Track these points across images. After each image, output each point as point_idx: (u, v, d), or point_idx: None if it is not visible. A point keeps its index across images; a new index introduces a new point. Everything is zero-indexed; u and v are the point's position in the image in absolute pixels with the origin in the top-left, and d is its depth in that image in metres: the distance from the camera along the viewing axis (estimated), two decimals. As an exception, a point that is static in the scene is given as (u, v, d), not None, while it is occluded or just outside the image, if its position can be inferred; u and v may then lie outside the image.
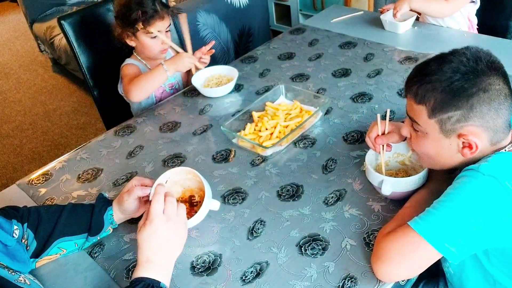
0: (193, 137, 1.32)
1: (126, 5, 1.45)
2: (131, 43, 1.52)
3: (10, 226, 0.85)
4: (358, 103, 1.35)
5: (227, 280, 0.88)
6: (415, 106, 0.82)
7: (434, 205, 0.77)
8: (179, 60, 1.46)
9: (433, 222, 0.75)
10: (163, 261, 0.80)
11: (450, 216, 0.74)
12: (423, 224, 0.76)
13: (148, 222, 0.81)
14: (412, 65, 1.49)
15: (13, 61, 3.95)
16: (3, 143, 2.88)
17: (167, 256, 0.81)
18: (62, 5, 3.50)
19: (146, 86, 1.45)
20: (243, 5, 2.48)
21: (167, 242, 0.81)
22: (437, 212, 0.76)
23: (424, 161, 0.90)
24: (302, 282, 0.85)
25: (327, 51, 1.66)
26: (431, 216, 0.76)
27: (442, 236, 0.74)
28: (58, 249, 0.94)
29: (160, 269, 0.79)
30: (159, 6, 1.46)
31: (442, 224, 0.74)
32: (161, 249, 0.80)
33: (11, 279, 0.76)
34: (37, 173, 1.26)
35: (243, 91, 1.51)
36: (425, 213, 0.77)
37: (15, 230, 0.86)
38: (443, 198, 0.77)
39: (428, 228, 0.75)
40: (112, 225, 0.99)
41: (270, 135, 1.22)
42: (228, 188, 1.10)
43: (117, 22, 1.49)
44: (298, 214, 1.00)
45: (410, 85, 0.84)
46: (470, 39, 1.64)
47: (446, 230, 0.74)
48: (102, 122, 1.92)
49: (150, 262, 0.78)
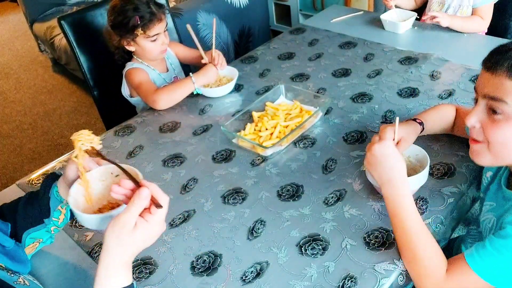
0: (193, 137, 1.32)
1: (121, 12, 1.42)
2: (130, 48, 1.51)
3: (7, 226, 0.85)
4: (358, 103, 1.35)
5: (227, 280, 0.88)
6: (508, 83, 0.72)
7: (493, 242, 0.75)
8: (208, 73, 1.47)
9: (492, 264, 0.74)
10: (132, 260, 0.70)
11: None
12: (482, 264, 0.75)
13: (146, 224, 0.68)
14: (412, 65, 1.49)
15: (13, 61, 3.95)
16: (3, 143, 2.88)
17: (136, 254, 0.70)
18: (62, 5, 3.50)
19: (174, 97, 1.46)
20: (243, 5, 2.48)
21: (144, 244, 0.70)
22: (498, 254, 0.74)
23: (497, 153, 0.79)
24: (302, 282, 0.85)
25: (327, 51, 1.66)
26: (491, 257, 0.74)
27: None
28: (32, 239, 0.88)
29: (130, 269, 0.69)
30: (155, 8, 1.45)
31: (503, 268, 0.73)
32: (137, 251, 0.69)
33: (10, 281, 0.76)
34: (37, 173, 1.26)
35: (243, 91, 1.51)
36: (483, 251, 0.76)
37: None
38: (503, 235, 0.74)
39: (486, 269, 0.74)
40: (62, 203, 0.88)
41: (270, 135, 1.22)
42: (228, 188, 1.10)
43: (115, 31, 1.47)
44: (298, 214, 1.00)
45: (498, 58, 0.74)
46: (470, 39, 1.64)
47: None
48: (102, 122, 1.92)
49: (126, 268, 0.68)
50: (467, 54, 1.52)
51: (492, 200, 0.88)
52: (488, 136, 0.78)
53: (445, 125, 1.10)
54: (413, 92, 1.35)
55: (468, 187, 1.01)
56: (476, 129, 0.81)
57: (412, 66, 1.48)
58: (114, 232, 0.66)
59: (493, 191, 0.89)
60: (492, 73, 0.75)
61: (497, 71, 0.74)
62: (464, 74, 1.40)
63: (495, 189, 0.89)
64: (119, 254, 0.67)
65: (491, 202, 0.88)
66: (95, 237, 1.02)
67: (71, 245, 1.02)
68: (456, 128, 1.10)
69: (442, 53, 1.52)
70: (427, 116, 1.07)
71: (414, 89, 1.36)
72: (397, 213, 0.85)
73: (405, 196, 0.85)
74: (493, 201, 0.88)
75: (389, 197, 0.86)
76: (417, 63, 1.49)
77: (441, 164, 1.07)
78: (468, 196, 1.01)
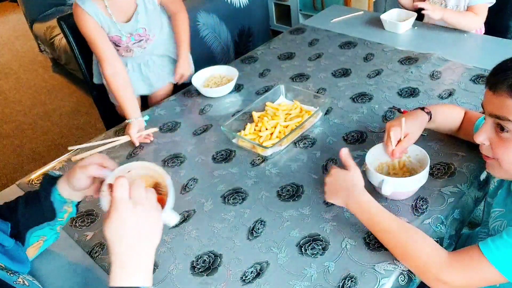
0: (193, 137, 1.32)
1: None
2: None
3: (6, 226, 0.85)
4: (358, 103, 1.35)
5: (227, 280, 0.88)
6: (509, 102, 0.72)
7: (510, 233, 0.73)
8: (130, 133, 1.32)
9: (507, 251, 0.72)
10: (140, 259, 0.67)
11: None
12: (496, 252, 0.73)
13: (112, 210, 0.67)
14: (412, 65, 1.49)
15: (13, 61, 3.95)
16: (3, 143, 2.88)
17: (143, 251, 0.68)
18: (62, 5, 3.50)
19: (116, 97, 1.41)
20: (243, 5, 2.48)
21: (140, 234, 0.67)
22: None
23: (508, 170, 0.79)
24: (302, 282, 0.85)
25: (327, 51, 1.66)
26: (508, 248, 0.73)
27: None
28: (37, 237, 0.89)
29: (138, 270, 0.67)
30: None
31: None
32: (134, 244, 0.67)
33: (10, 280, 0.75)
34: (37, 173, 1.26)
35: (243, 91, 1.51)
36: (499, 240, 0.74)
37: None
38: None
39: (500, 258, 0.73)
40: (66, 203, 0.88)
41: (270, 135, 1.22)
42: (228, 188, 1.10)
43: None
44: (298, 214, 1.00)
45: (499, 77, 0.73)
46: (470, 39, 1.64)
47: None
48: (102, 122, 1.92)
49: (124, 266, 0.66)
50: (467, 54, 1.52)
51: (500, 207, 0.88)
52: (496, 155, 0.79)
53: (451, 125, 1.09)
54: (413, 92, 1.35)
55: (468, 187, 1.01)
56: (485, 146, 0.81)
57: (412, 66, 1.48)
58: (104, 225, 0.67)
59: (502, 198, 0.89)
60: (494, 92, 0.75)
61: (497, 91, 0.74)
62: (464, 74, 1.40)
63: (503, 196, 0.88)
64: (114, 248, 0.66)
65: (500, 209, 0.88)
66: (95, 237, 1.02)
67: (71, 245, 1.02)
68: (462, 131, 1.09)
69: (442, 53, 1.52)
70: (438, 110, 1.05)
71: (414, 89, 1.36)
72: (370, 219, 0.87)
73: (370, 201, 0.88)
74: (502, 207, 0.87)
75: (357, 209, 0.89)
76: (417, 63, 1.49)
77: (441, 164, 1.07)
78: (470, 196, 1.01)
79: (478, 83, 1.34)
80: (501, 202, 0.88)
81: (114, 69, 1.41)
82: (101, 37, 1.39)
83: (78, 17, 1.38)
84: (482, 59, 1.46)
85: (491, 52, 1.53)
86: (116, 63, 1.42)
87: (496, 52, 1.51)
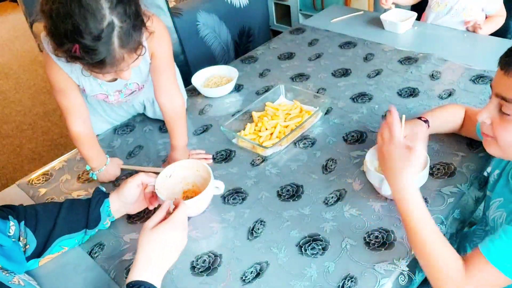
0: (193, 137, 1.32)
1: (55, 21, 0.87)
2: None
3: (5, 225, 0.85)
4: (358, 103, 1.35)
5: (227, 280, 0.88)
6: None
7: (507, 231, 0.73)
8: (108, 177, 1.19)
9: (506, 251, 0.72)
10: (162, 266, 0.80)
11: None
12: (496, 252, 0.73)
13: (169, 226, 0.82)
14: (412, 65, 1.49)
15: (13, 61, 3.95)
16: (3, 143, 2.88)
17: (166, 262, 0.81)
18: (62, 5, 3.50)
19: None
20: (243, 5, 2.48)
21: (171, 248, 0.81)
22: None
23: (505, 150, 0.80)
24: (302, 282, 0.85)
25: (327, 51, 1.66)
26: (507, 247, 0.72)
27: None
28: (60, 248, 0.94)
29: (156, 274, 0.78)
30: (119, 41, 0.83)
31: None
32: (163, 254, 0.80)
33: (5, 280, 0.76)
34: (37, 173, 1.26)
35: (243, 91, 1.51)
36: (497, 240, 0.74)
37: (12, 226, 0.86)
38: None
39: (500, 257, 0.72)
40: (109, 217, 0.99)
41: (270, 135, 1.22)
42: (228, 188, 1.10)
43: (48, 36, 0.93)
44: (298, 214, 1.00)
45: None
46: (470, 39, 1.64)
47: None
48: (102, 122, 1.92)
49: (149, 265, 0.78)
50: (467, 54, 1.52)
51: (499, 196, 0.88)
52: (496, 134, 0.79)
53: (452, 125, 1.09)
54: (413, 92, 1.35)
55: (468, 187, 1.01)
56: (486, 124, 0.82)
57: (412, 66, 1.48)
58: (144, 230, 0.81)
59: (500, 187, 0.89)
60: (505, 72, 0.75)
61: (510, 71, 0.74)
62: (464, 74, 1.40)
63: (502, 184, 0.89)
64: (147, 251, 0.79)
65: (499, 198, 0.88)
66: (95, 237, 1.02)
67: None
68: (464, 129, 1.09)
69: (442, 53, 1.52)
70: (434, 115, 1.05)
71: (414, 89, 1.36)
72: (408, 214, 0.81)
73: (414, 194, 0.82)
74: (501, 197, 0.88)
75: (398, 195, 0.82)
76: (417, 63, 1.49)
77: (441, 164, 1.07)
78: (470, 196, 1.01)
79: (478, 83, 1.34)
80: (500, 191, 0.89)
81: (83, 126, 1.13)
82: (73, 89, 1.10)
83: (48, 64, 1.07)
84: (482, 59, 1.46)
85: (491, 52, 1.53)
86: (85, 117, 1.14)
87: (496, 52, 1.49)
